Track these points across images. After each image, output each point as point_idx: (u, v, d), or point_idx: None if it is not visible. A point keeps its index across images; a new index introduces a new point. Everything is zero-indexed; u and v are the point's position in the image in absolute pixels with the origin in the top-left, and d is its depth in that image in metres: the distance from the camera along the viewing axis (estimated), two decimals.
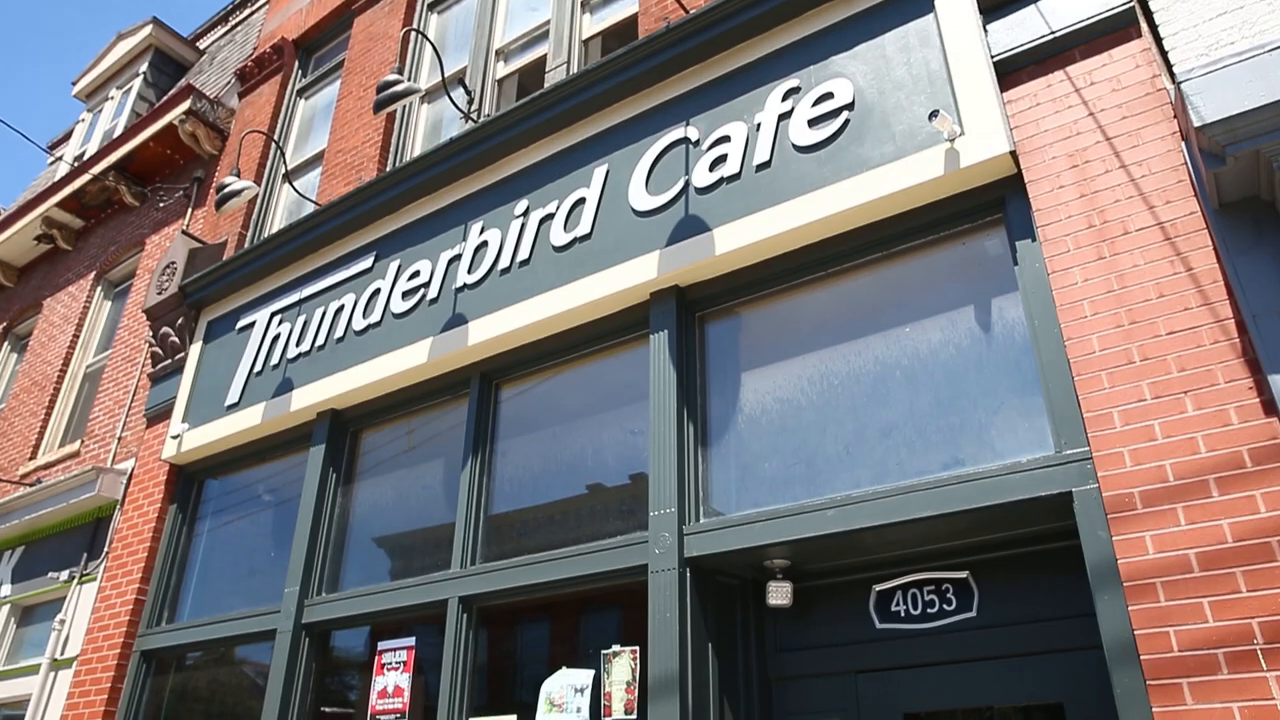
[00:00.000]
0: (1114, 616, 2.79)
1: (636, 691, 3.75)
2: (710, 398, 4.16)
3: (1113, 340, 3.10)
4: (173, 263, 7.20)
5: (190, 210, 8.33)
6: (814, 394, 3.87)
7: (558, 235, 4.80)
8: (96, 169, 9.12)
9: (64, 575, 6.84)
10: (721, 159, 4.32)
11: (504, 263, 4.98)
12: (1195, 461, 2.82)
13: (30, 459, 8.46)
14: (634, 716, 3.71)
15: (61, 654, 6.51)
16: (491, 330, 4.82)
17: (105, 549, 6.66)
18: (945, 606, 3.51)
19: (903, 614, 3.59)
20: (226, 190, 5.86)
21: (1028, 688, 3.24)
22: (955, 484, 3.23)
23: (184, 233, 7.44)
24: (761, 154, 4.18)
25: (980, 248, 3.72)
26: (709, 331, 4.33)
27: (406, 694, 4.59)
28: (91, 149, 11.24)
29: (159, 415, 6.89)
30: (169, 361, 7.01)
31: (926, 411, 3.55)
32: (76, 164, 10.24)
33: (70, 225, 9.87)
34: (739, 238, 4.08)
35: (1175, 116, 3.25)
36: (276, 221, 7.53)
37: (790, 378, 3.97)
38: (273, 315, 6.29)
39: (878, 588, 3.68)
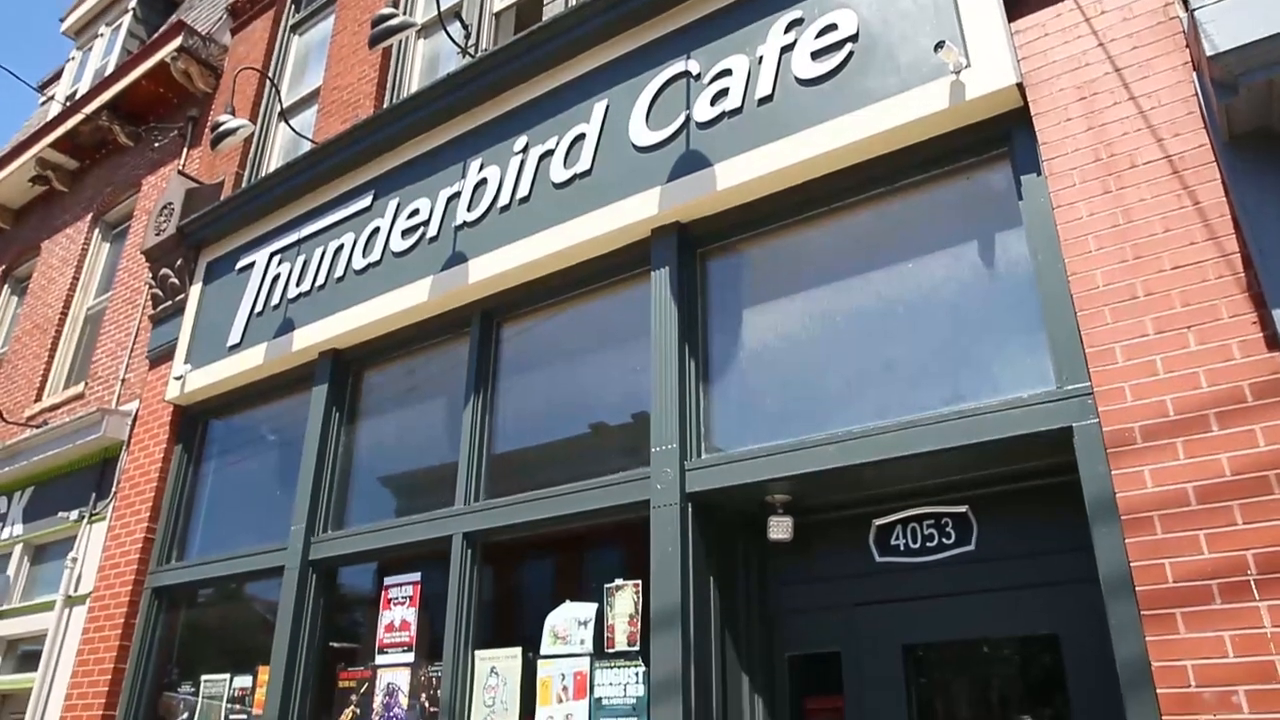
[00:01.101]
0: (1111, 550, 2.82)
1: (639, 624, 3.82)
2: (712, 334, 4.16)
3: (1116, 275, 3.09)
4: (170, 203, 7.14)
5: (186, 150, 8.24)
6: (816, 330, 3.87)
7: (558, 172, 4.75)
8: (89, 109, 8.99)
9: (74, 515, 6.93)
10: (723, 93, 4.25)
11: (504, 200, 4.94)
12: (1196, 396, 2.83)
13: (35, 401, 8.51)
14: (636, 648, 3.79)
15: (75, 591, 6.63)
16: (492, 268, 4.80)
17: (113, 489, 6.74)
18: (944, 540, 3.56)
19: (902, 548, 3.64)
20: (221, 129, 5.78)
21: (1024, 620, 3.30)
22: (956, 419, 3.24)
23: (180, 173, 7.36)
24: (764, 87, 4.11)
25: (985, 182, 3.68)
26: (711, 268, 4.31)
27: (413, 628, 4.69)
28: (83, 88, 11.07)
29: (161, 357, 6.91)
30: (169, 303, 7.00)
31: (928, 347, 3.55)
32: (68, 104, 10.09)
33: (65, 166, 9.77)
34: (741, 173, 4.03)
35: (1187, 46, 3.18)
36: (273, 161, 7.44)
37: (792, 314, 3.96)
38: (272, 255, 6.26)
39: (877, 522, 3.73)
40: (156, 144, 8.72)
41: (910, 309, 3.66)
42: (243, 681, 5.43)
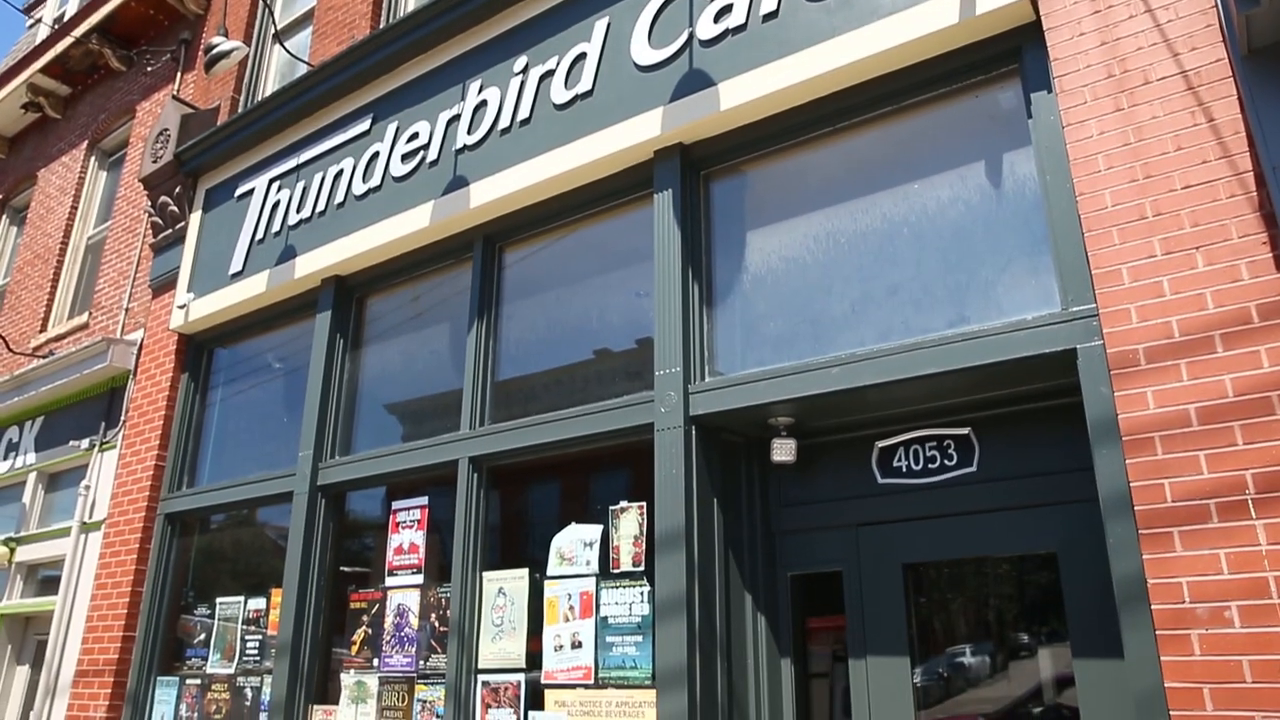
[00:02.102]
0: (1111, 470, 2.85)
1: (643, 545, 3.89)
2: (715, 257, 4.14)
3: (1126, 195, 3.04)
4: (165, 130, 7.04)
5: (179, 74, 8.08)
6: (820, 253, 3.84)
7: (558, 93, 4.65)
8: (78, 31, 8.78)
9: (84, 444, 7.01)
10: (726, 9, 4.13)
11: (504, 122, 4.86)
12: (1202, 318, 2.81)
13: (40, 331, 8.53)
14: (641, 568, 3.87)
15: (90, 517, 6.75)
16: (493, 192, 4.75)
17: (122, 418, 6.80)
18: (946, 462, 3.59)
19: (904, 469, 3.67)
20: (215, 51, 5.66)
21: (1023, 539, 3.35)
22: (960, 341, 3.24)
23: (175, 98, 7.24)
24: (769, 3, 4.00)
25: (993, 101, 3.61)
26: (714, 190, 4.26)
27: (421, 550, 4.78)
28: (70, 9, 10.80)
29: (164, 285, 6.90)
30: (170, 231, 6.96)
31: (933, 270, 3.53)
32: (56, 26, 9.86)
33: (57, 92, 9.60)
34: (745, 92, 3.95)
35: None
36: (269, 85, 7.31)
37: (796, 236, 3.93)
38: (271, 182, 6.19)
39: (880, 444, 3.75)
40: (149, 68, 8.55)
41: (915, 231, 3.62)
42: (256, 604, 5.57)
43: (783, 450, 3.82)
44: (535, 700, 4.06)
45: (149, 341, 6.83)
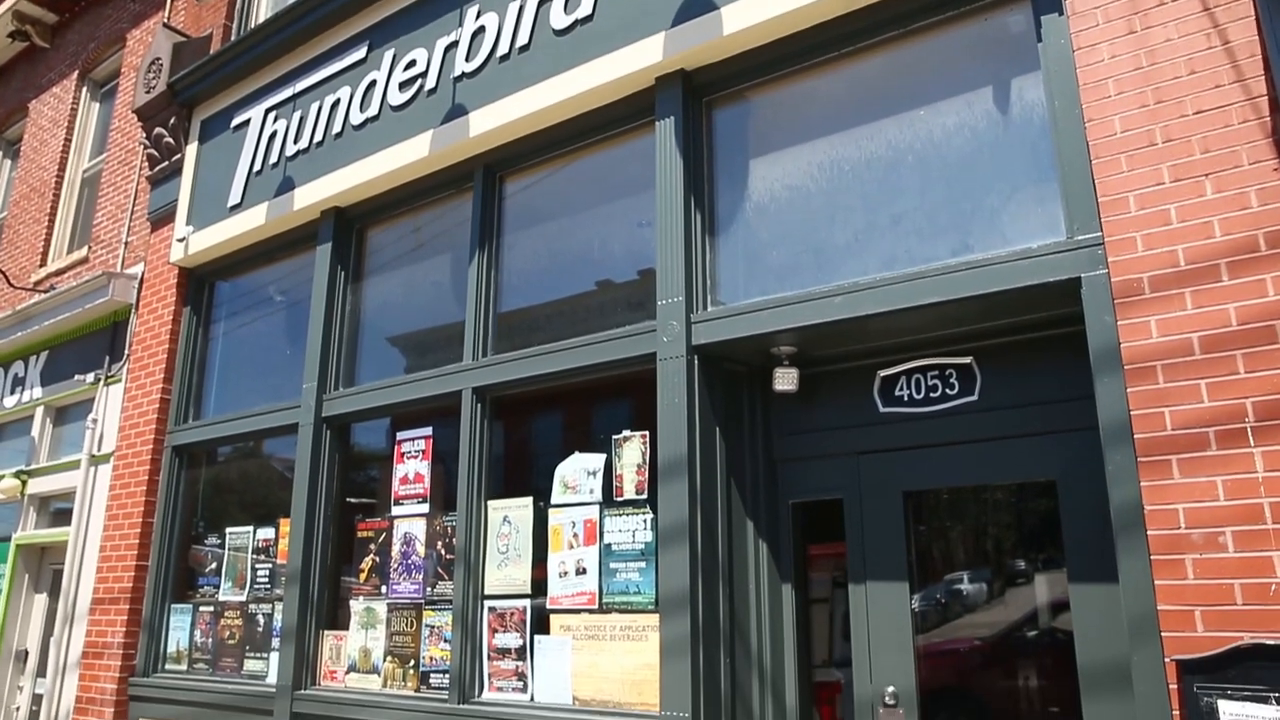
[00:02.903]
0: (1112, 398, 2.86)
1: (646, 473, 3.94)
2: (718, 186, 4.09)
3: (1136, 121, 2.99)
4: (158, 59, 6.90)
5: (169, 1, 7.88)
6: (824, 181, 3.80)
7: (558, 18, 4.55)
8: None
9: (90, 377, 7.05)
10: None
11: (503, 49, 4.76)
12: (1208, 246, 2.79)
13: (40, 266, 8.50)
14: (644, 496, 3.92)
15: (98, 450, 6.82)
16: (493, 121, 4.68)
17: (126, 352, 6.82)
18: (948, 391, 3.60)
19: (906, 398, 3.70)
20: None
21: (1023, 467, 3.38)
22: (963, 270, 3.23)
23: (166, 25, 7.08)
24: None
25: (1002, 24, 3.52)
26: (717, 118, 4.20)
27: (427, 480, 4.84)
28: None
29: (163, 218, 6.85)
30: (166, 164, 6.88)
31: (938, 198, 3.49)
32: None
33: (43, 20, 9.38)
34: (748, 16, 3.86)
35: None
36: (261, 11, 7.12)
37: (800, 164, 3.88)
38: (267, 112, 6.10)
39: (882, 373, 3.77)
40: None
41: (920, 159, 3.58)
42: (265, 533, 5.66)
43: (785, 379, 3.84)
44: (541, 625, 4.16)
45: (149, 275, 6.81)
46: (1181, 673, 2.54)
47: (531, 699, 4.10)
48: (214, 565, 5.95)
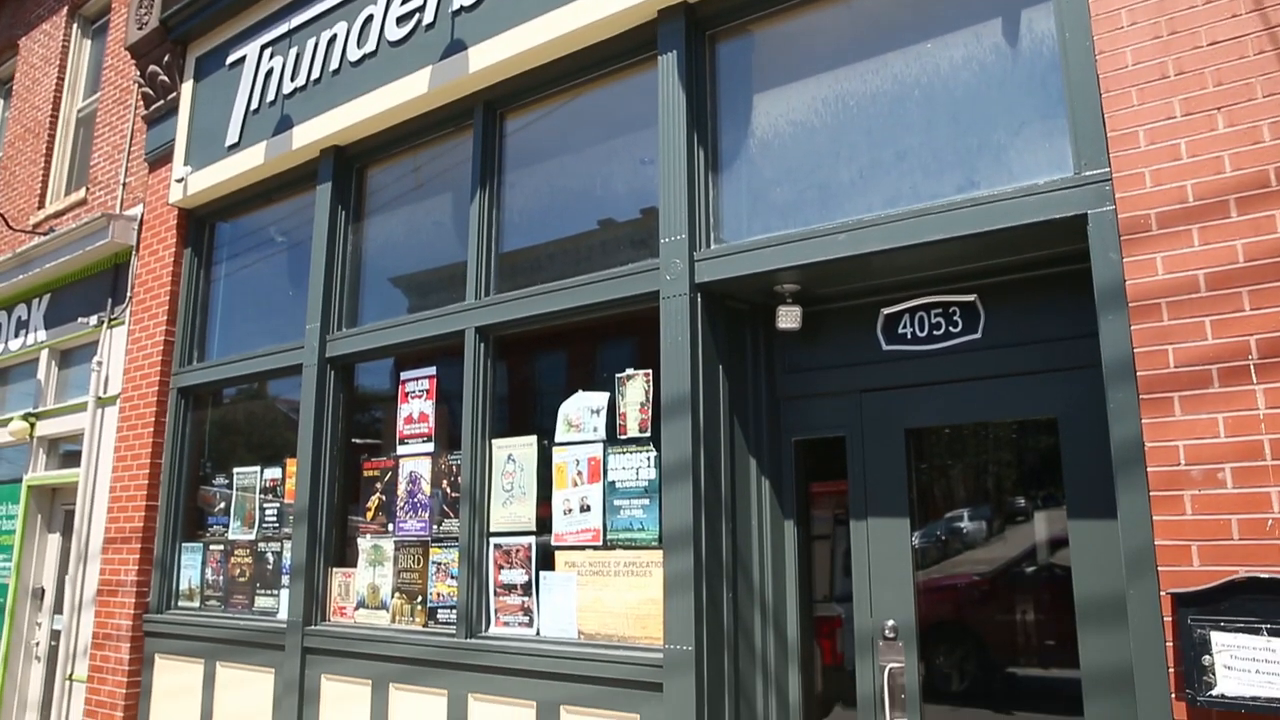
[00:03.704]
0: (1116, 336, 2.86)
1: (650, 411, 3.96)
2: (721, 121, 4.03)
3: (1148, 53, 2.93)
4: None
5: None
6: (829, 116, 3.74)
7: None
8: None
9: (93, 320, 7.05)
10: None
11: None
12: (1218, 181, 2.76)
13: (39, 208, 8.44)
14: (648, 434, 3.95)
15: (104, 393, 6.86)
16: (492, 56, 4.60)
17: (128, 294, 6.82)
18: (951, 329, 3.60)
19: (909, 336, 3.69)
20: None
21: (1026, 404, 3.39)
22: (969, 207, 3.20)
23: None
24: None
25: None
26: (720, 52, 4.11)
27: (431, 419, 4.88)
28: None
29: (160, 159, 6.78)
30: (162, 102, 6.78)
31: (944, 133, 3.44)
32: None
33: None
34: None
35: None
36: None
37: (805, 99, 3.82)
38: (263, 49, 5.99)
39: (885, 311, 3.76)
40: None
41: (926, 93, 3.51)
42: (273, 473, 5.72)
43: (788, 317, 3.83)
44: (546, 561, 4.23)
45: (149, 216, 6.77)
46: (1176, 605, 2.58)
47: (537, 633, 4.19)
48: (222, 505, 6.03)
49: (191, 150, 6.42)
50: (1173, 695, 2.60)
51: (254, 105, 5.97)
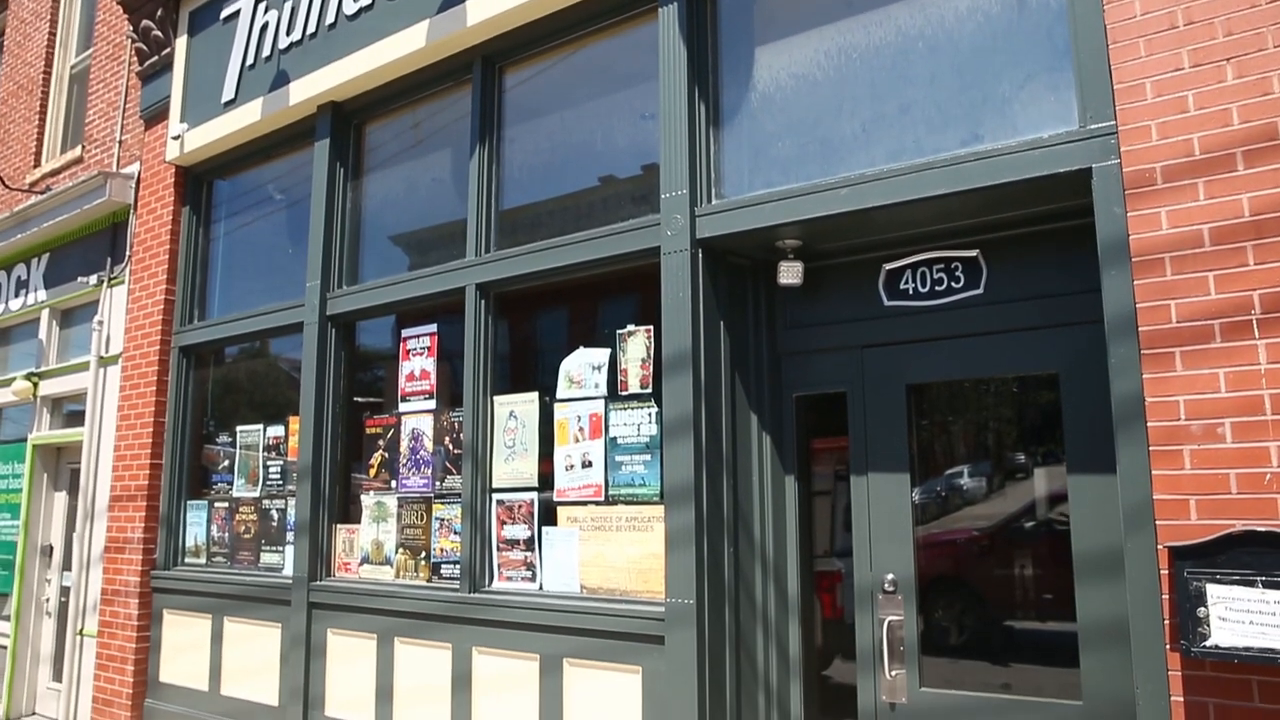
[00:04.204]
0: (1118, 291, 2.85)
1: (651, 367, 3.97)
2: (723, 75, 3.98)
3: (1157, 3, 2.88)
4: None
5: None
6: (831, 69, 3.69)
7: None
8: None
9: (92, 279, 7.04)
10: None
11: None
12: (1225, 134, 2.73)
13: (35, 167, 8.38)
14: (649, 390, 3.96)
15: (106, 352, 6.86)
16: (490, 9, 4.52)
17: (127, 253, 6.79)
18: (953, 284, 3.59)
19: (910, 291, 3.68)
20: None
21: (1027, 360, 3.39)
22: (972, 161, 3.17)
23: None
24: None
25: None
26: (722, 4, 4.03)
27: (433, 377, 4.89)
28: None
29: (156, 116, 6.71)
30: (156, 58, 6.69)
31: (948, 86, 3.40)
32: None
33: None
34: None
35: None
36: None
37: (807, 52, 3.76)
38: (258, 2, 5.90)
39: (887, 266, 3.75)
40: None
41: (931, 45, 3.46)
42: (275, 431, 5.75)
43: (789, 273, 3.82)
44: (548, 517, 4.26)
45: (146, 174, 6.72)
46: (1173, 559, 2.60)
47: (540, 588, 4.24)
48: (226, 463, 6.07)
49: (187, 107, 6.36)
50: (1167, 646, 2.64)
51: (250, 61, 5.90)
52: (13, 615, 7.42)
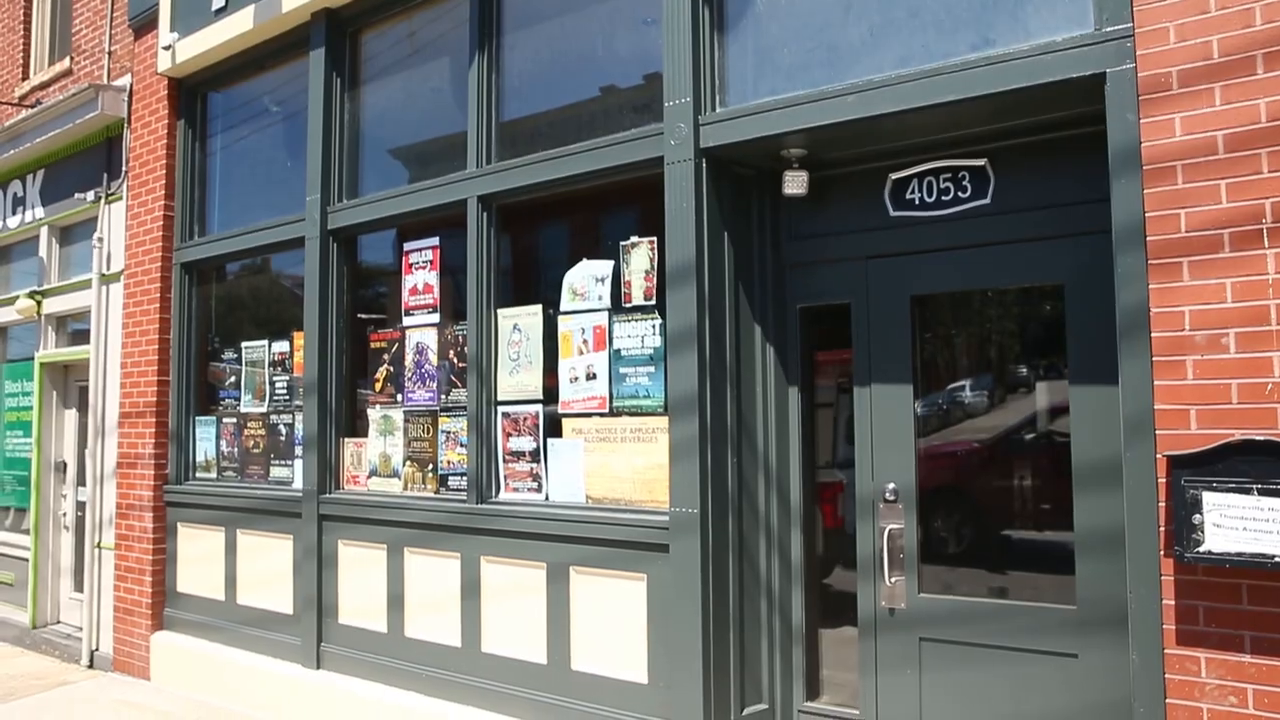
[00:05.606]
0: (1128, 200, 2.81)
1: (654, 279, 3.95)
2: None
3: None
4: None
5: None
6: None
7: None
8: None
9: (90, 196, 6.96)
10: None
11: None
12: (1246, 36, 2.65)
13: (23, 80, 8.20)
14: (652, 302, 3.95)
15: (108, 269, 6.84)
16: None
17: (123, 168, 6.70)
18: (960, 194, 3.54)
19: (917, 202, 3.63)
20: None
21: (1033, 271, 3.37)
22: (983, 66, 3.09)
23: None
24: None
25: None
26: None
27: (436, 290, 4.88)
28: None
29: (145, 25, 6.53)
30: None
31: None
32: None
33: None
34: None
35: None
36: None
37: None
38: None
39: (893, 176, 3.69)
40: None
41: None
42: (280, 347, 5.77)
43: (794, 183, 3.77)
44: (553, 429, 4.31)
45: (139, 87, 6.58)
46: (1171, 467, 2.63)
47: (546, 498, 4.31)
48: (233, 379, 6.11)
49: (177, 15, 6.18)
50: (1161, 552, 2.69)
51: None
52: (32, 529, 7.59)
